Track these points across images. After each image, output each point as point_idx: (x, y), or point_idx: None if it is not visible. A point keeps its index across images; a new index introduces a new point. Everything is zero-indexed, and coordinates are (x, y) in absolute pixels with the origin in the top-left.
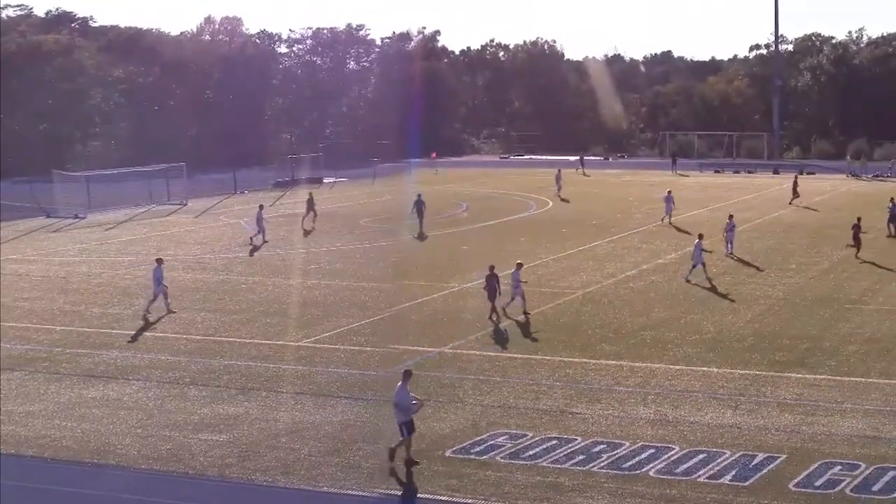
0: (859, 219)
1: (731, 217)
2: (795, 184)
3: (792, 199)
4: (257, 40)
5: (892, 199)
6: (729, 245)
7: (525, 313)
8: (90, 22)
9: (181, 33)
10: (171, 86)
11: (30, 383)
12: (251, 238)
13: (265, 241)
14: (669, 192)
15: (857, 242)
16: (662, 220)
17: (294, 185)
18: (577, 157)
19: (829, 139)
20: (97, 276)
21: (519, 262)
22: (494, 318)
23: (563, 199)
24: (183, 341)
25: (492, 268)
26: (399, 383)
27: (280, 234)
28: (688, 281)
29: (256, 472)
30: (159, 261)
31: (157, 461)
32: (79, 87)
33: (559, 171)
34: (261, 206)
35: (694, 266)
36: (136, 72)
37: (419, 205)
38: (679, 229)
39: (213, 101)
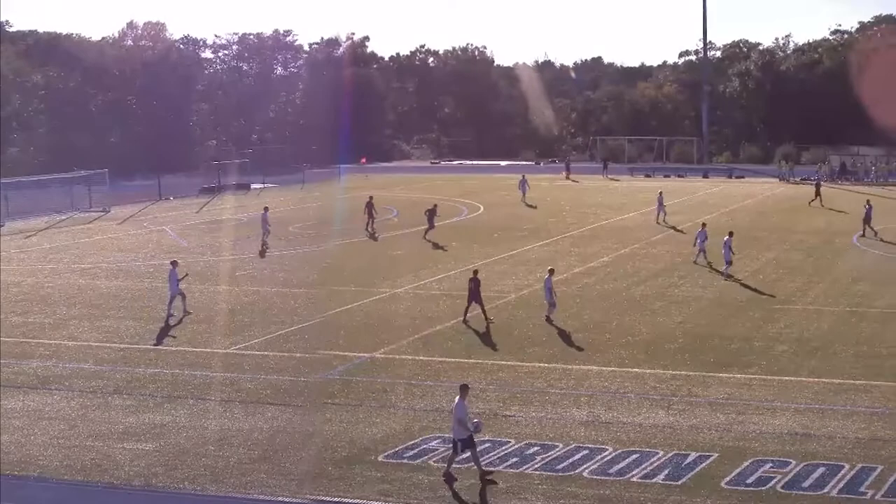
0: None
1: (703, 225)
2: (818, 187)
3: (812, 201)
4: (181, 46)
5: (867, 200)
6: (702, 253)
7: (548, 318)
8: (6, 27)
9: (102, 38)
10: (93, 91)
11: None
12: (263, 240)
13: (266, 243)
14: (661, 193)
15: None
16: (658, 221)
17: (221, 191)
18: (564, 163)
19: (758, 144)
20: (16, 285)
21: (551, 268)
22: (489, 320)
23: (529, 205)
24: (106, 350)
25: (475, 272)
26: (457, 398)
27: (207, 240)
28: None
29: (184, 481)
30: (174, 263)
31: (81, 472)
32: None
33: (524, 176)
34: (266, 208)
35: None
36: (55, 77)
37: (369, 207)
38: (609, 231)
39: (136, 106)
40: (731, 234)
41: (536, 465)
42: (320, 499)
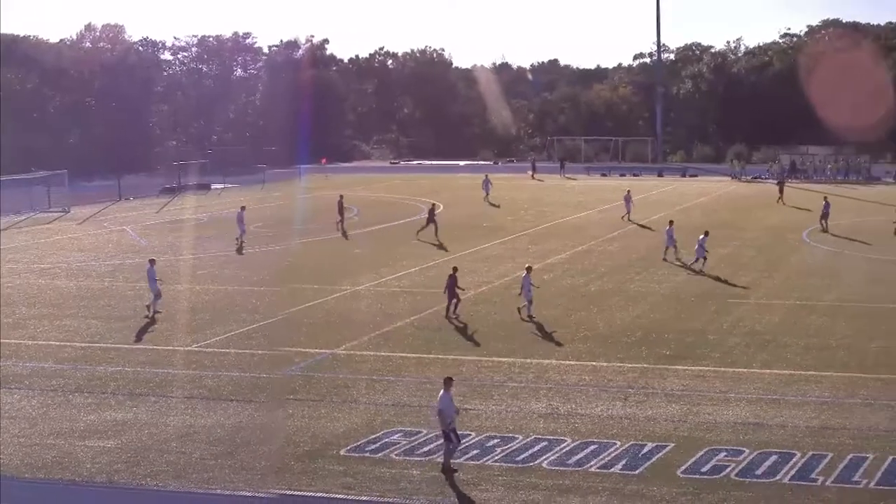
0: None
1: (671, 223)
2: (782, 186)
3: (778, 199)
4: (140, 48)
5: (825, 197)
6: (673, 248)
7: (529, 317)
8: None
9: (61, 40)
10: (51, 93)
11: None
12: (237, 238)
13: (243, 241)
14: (629, 191)
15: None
16: (623, 217)
17: (181, 192)
18: (530, 162)
19: (710, 143)
20: None
21: (528, 266)
22: (454, 316)
23: (492, 204)
24: (67, 349)
25: (455, 269)
26: (441, 391)
27: (168, 239)
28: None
29: (147, 477)
30: (152, 261)
31: (42, 469)
32: None
33: (486, 175)
34: (242, 207)
35: (697, 258)
36: (13, 79)
37: (340, 206)
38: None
39: (94, 108)
40: (706, 233)
41: (497, 457)
42: (283, 493)
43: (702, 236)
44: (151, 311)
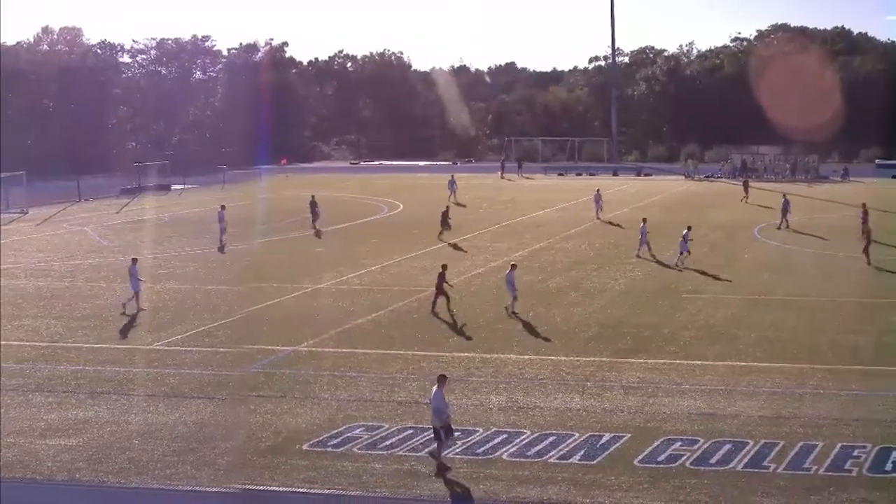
0: (644, 219)
1: (644, 221)
2: (746, 185)
3: (743, 198)
4: (98, 51)
5: (784, 194)
6: (647, 246)
7: (513, 313)
8: None
9: (17, 43)
10: (8, 95)
11: None
12: (221, 238)
13: (223, 241)
14: (598, 190)
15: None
16: (594, 216)
17: (141, 192)
18: (517, 163)
19: (664, 143)
20: None
21: (513, 263)
22: (450, 311)
23: (458, 204)
24: (27, 348)
25: (444, 266)
26: (434, 388)
27: (128, 239)
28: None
29: (109, 475)
30: (134, 260)
31: (3, 468)
32: None
33: (452, 176)
34: (222, 207)
35: (681, 252)
36: None
37: (313, 206)
38: (530, 226)
39: (52, 110)
40: (689, 228)
41: (458, 450)
42: (246, 488)
43: (685, 231)
44: (137, 308)
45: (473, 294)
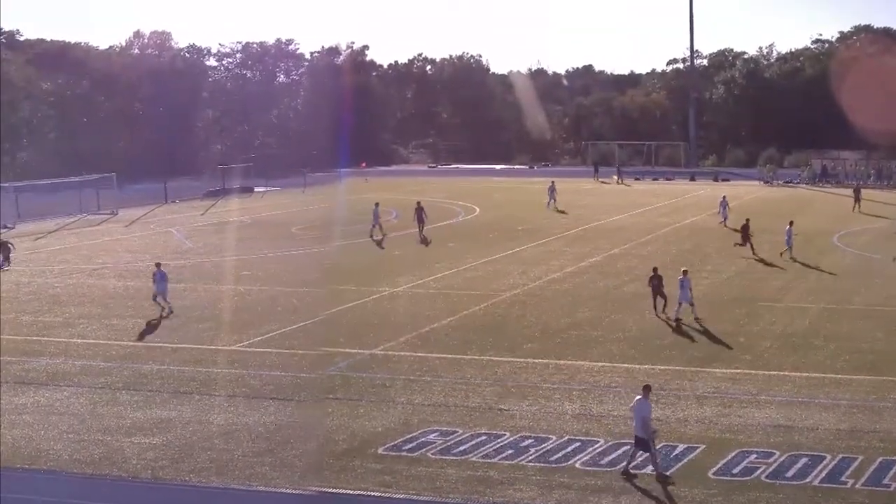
0: (748, 220)
1: (791, 223)
2: (857, 192)
3: (855, 207)
4: (186, 54)
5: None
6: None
7: (696, 319)
8: (17, 35)
9: (110, 47)
10: (101, 98)
11: None
12: (371, 230)
13: (382, 235)
14: (724, 197)
15: (745, 241)
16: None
17: (225, 195)
18: (616, 168)
19: (742, 148)
20: (27, 285)
21: (685, 269)
22: (664, 316)
23: (560, 211)
24: (115, 347)
25: (655, 269)
26: (639, 397)
27: (212, 241)
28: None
29: (190, 474)
30: (158, 265)
31: (90, 465)
32: (7, 100)
33: (553, 182)
34: (377, 204)
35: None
36: (64, 84)
37: (419, 212)
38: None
39: (142, 113)
40: (791, 223)
41: (531, 457)
42: (322, 490)
43: (787, 226)
44: (166, 310)
45: (549, 299)
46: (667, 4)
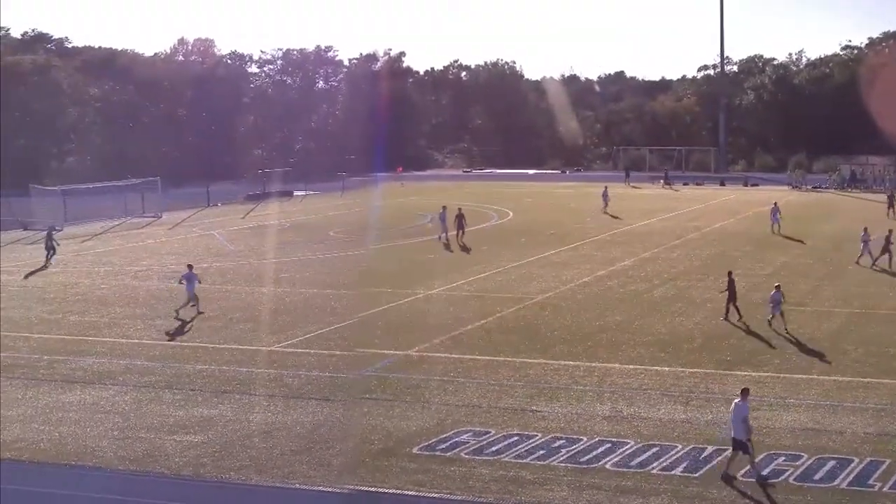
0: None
1: (865, 229)
2: (892, 199)
3: (889, 212)
4: (229, 61)
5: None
6: (868, 254)
7: (784, 328)
8: (66, 43)
9: (155, 54)
10: (146, 104)
11: (8, 389)
12: (440, 236)
13: (449, 239)
14: (776, 203)
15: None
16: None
17: (265, 198)
18: (663, 173)
19: (772, 153)
20: (73, 286)
21: (777, 284)
22: (736, 319)
23: (612, 216)
24: (158, 347)
25: (730, 273)
26: (738, 400)
27: (253, 243)
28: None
29: (230, 471)
30: (190, 266)
31: (134, 462)
32: (55, 105)
33: (606, 188)
34: (444, 207)
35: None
36: (111, 90)
37: (460, 219)
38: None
39: (186, 118)
40: (890, 231)
41: (562, 458)
42: (358, 489)
43: (887, 234)
44: (198, 308)
45: (580, 302)
46: (698, 11)
